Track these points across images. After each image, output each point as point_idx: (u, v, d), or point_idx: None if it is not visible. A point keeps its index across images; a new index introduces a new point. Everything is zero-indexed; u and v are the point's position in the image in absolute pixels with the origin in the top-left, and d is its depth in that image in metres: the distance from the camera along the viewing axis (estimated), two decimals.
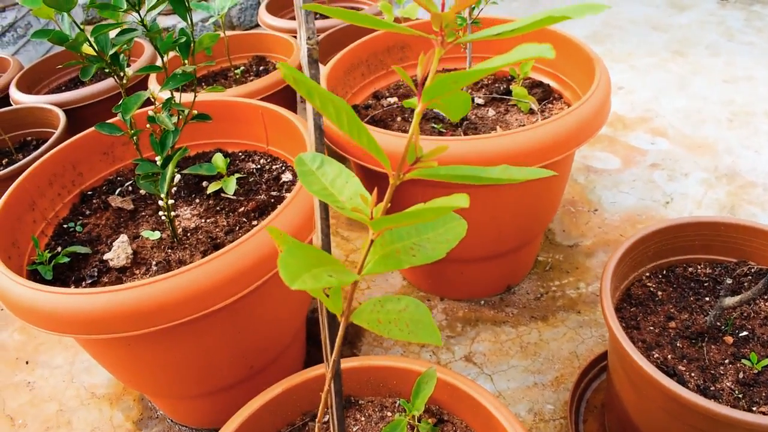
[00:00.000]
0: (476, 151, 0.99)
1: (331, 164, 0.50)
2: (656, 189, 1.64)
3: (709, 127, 1.88)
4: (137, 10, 0.86)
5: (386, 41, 1.40)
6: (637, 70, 2.23)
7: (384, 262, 0.46)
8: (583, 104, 1.06)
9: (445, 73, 1.19)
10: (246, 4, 2.83)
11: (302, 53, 0.48)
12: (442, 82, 0.36)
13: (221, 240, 1.01)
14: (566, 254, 1.45)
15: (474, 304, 1.34)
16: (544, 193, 1.18)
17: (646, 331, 0.97)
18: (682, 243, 1.06)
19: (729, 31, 2.47)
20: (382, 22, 0.40)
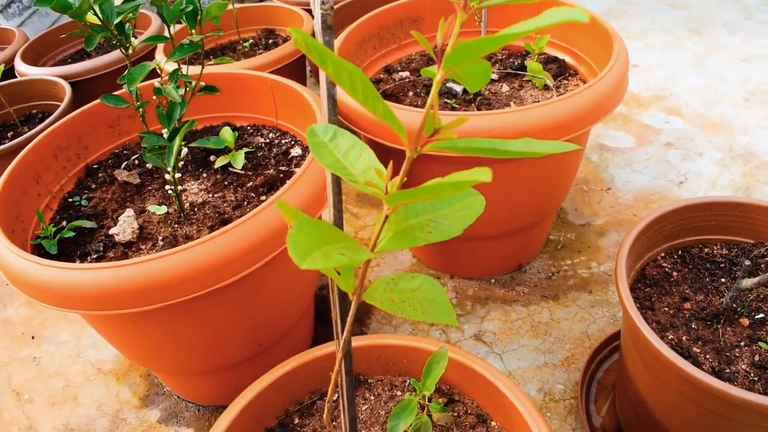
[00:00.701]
0: (490, 127, 0.97)
1: (344, 136, 0.48)
2: (670, 168, 1.61)
3: (725, 107, 1.84)
4: None
5: (398, 14, 1.37)
6: (653, 48, 2.19)
7: (399, 239, 0.44)
8: (600, 80, 1.03)
9: None
10: None
11: (316, 18, 0.46)
12: (465, 48, 0.34)
13: (229, 215, 1.00)
14: (578, 233, 1.43)
15: (484, 283, 1.33)
16: (559, 171, 1.15)
17: (660, 311, 0.95)
18: (699, 223, 1.04)
19: (747, 9, 2.42)
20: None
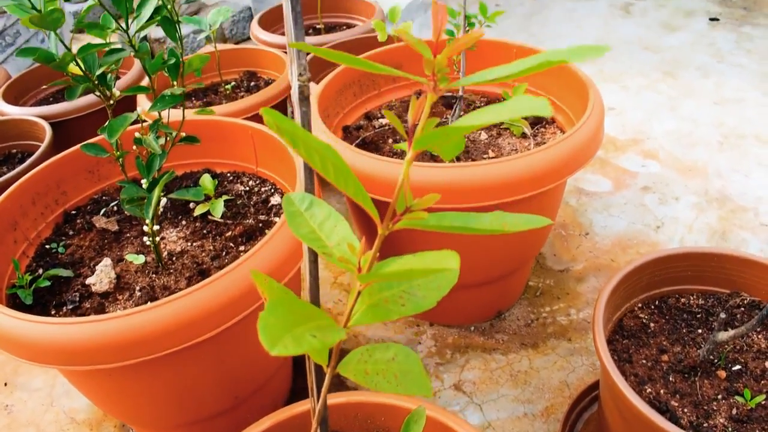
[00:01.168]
0: (468, 179, 0.97)
1: (320, 206, 0.48)
2: (647, 213, 1.63)
3: (700, 150, 1.87)
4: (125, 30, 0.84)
5: (380, 60, 1.39)
6: (629, 91, 2.23)
7: (372, 313, 0.44)
8: (576, 132, 1.05)
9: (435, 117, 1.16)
10: (239, 16, 2.82)
11: (293, 89, 0.47)
12: (433, 135, 0.35)
13: (207, 265, 0.99)
14: (557, 279, 1.44)
15: (464, 330, 1.33)
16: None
17: (638, 364, 0.95)
18: (675, 273, 1.05)
19: (719, 53, 2.47)
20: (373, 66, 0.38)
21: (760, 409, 0.87)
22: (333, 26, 2.16)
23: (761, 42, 2.54)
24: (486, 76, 0.38)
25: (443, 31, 0.36)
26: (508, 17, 2.96)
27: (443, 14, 0.37)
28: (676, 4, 2.96)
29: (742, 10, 2.85)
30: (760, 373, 0.93)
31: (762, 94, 2.16)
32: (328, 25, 2.16)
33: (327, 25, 2.15)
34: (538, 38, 2.73)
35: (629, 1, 3.03)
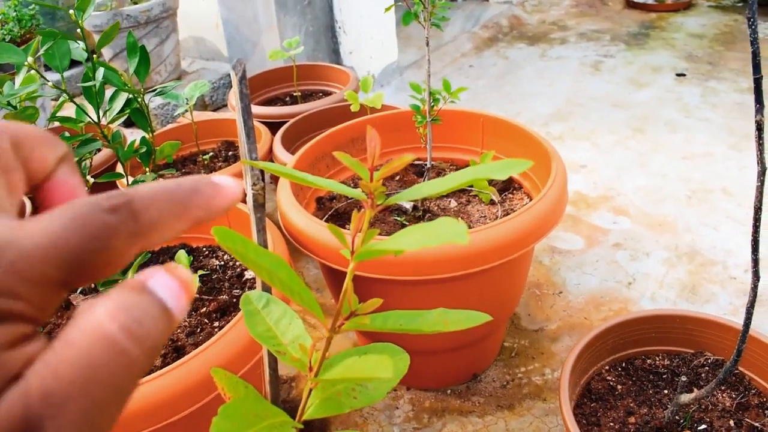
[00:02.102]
0: (435, 251, 1.01)
1: (276, 304, 0.51)
2: (619, 269, 1.67)
3: (669, 205, 1.93)
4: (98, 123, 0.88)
5: (350, 134, 1.44)
6: (599, 148, 2.30)
7: (325, 406, 0.47)
8: (539, 201, 1.09)
9: None
10: (219, 83, 2.88)
11: (248, 198, 0.50)
12: (371, 252, 0.38)
13: (182, 342, 1.01)
14: (532, 339, 1.46)
15: (441, 394, 1.34)
16: (507, 285, 1.20)
17: (606, 427, 0.98)
18: (640, 335, 1.08)
19: (686, 108, 2.56)
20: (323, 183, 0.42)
21: None
22: (309, 93, 2.22)
23: (726, 96, 2.63)
24: (420, 192, 0.41)
25: (377, 156, 0.40)
26: (481, 77, 3.04)
27: (377, 140, 0.40)
28: (644, 61, 3.06)
29: (708, 65, 2.95)
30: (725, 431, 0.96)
31: (728, 148, 2.23)
32: (305, 92, 2.22)
33: (303, 92, 2.21)
34: (510, 97, 2.81)
35: (598, 59, 3.13)
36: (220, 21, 2.87)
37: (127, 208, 0.22)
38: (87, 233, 0.20)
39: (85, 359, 0.19)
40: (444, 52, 3.30)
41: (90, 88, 0.89)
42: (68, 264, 0.20)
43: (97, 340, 0.19)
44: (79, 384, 0.18)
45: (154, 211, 0.22)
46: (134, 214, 0.22)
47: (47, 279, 0.20)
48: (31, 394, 0.18)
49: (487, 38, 3.54)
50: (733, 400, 1.00)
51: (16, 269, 0.19)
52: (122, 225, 0.21)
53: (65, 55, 0.89)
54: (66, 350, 0.19)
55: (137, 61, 0.93)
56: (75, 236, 0.20)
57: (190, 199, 0.24)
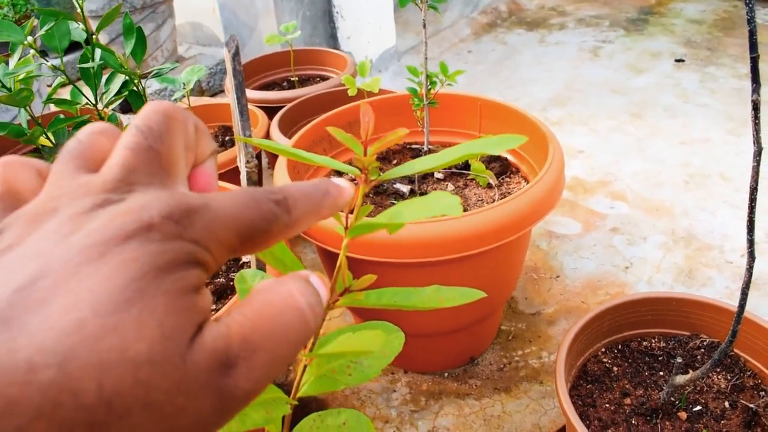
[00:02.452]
0: (431, 234, 1.01)
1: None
2: (616, 254, 1.67)
3: (667, 190, 1.93)
4: (95, 105, 0.88)
5: (346, 117, 1.43)
6: (597, 134, 2.29)
7: (320, 383, 0.47)
8: (536, 184, 1.09)
9: None
10: (215, 68, 2.87)
11: (242, 176, 0.50)
12: (365, 226, 0.38)
13: None
14: (528, 323, 1.47)
15: (438, 377, 1.35)
16: (504, 269, 1.20)
17: (602, 408, 0.98)
18: (636, 318, 1.08)
19: (685, 93, 2.55)
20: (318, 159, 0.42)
21: None
22: (306, 78, 2.22)
23: (724, 82, 2.62)
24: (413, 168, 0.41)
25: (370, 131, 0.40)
26: (480, 63, 3.04)
27: (371, 116, 0.40)
28: (643, 47, 3.05)
29: (707, 51, 2.94)
30: (720, 412, 0.96)
31: (726, 133, 2.23)
32: (302, 77, 2.21)
33: (300, 77, 2.20)
34: (509, 82, 2.80)
35: (597, 45, 3.12)
36: (216, 6, 2.86)
37: (284, 203, 0.26)
38: (260, 214, 0.25)
39: (279, 319, 0.23)
40: (442, 37, 3.29)
41: (88, 69, 0.89)
42: (243, 234, 0.25)
43: (289, 308, 0.24)
44: (272, 338, 0.23)
45: (301, 209, 0.27)
46: (288, 209, 0.26)
47: (228, 242, 0.24)
48: (232, 336, 0.22)
49: (486, 24, 3.52)
50: (728, 381, 1.01)
51: (211, 228, 0.23)
52: (281, 216, 0.26)
53: (65, 35, 0.88)
54: (265, 308, 0.23)
55: (134, 43, 0.92)
56: (252, 214, 0.25)
57: (323, 200, 0.29)
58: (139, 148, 0.25)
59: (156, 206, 0.23)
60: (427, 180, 1.36)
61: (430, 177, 1.37)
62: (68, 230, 0.22)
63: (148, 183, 0.24)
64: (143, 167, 0.25)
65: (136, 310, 0.20)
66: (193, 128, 0.28)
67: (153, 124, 0.26)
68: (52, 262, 0.21)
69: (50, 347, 0.18)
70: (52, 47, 0.87)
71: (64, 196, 0.24)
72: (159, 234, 0.22)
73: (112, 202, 0.23)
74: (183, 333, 0.21)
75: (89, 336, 0.19)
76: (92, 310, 0.19)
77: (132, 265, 0.21)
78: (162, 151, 0.26)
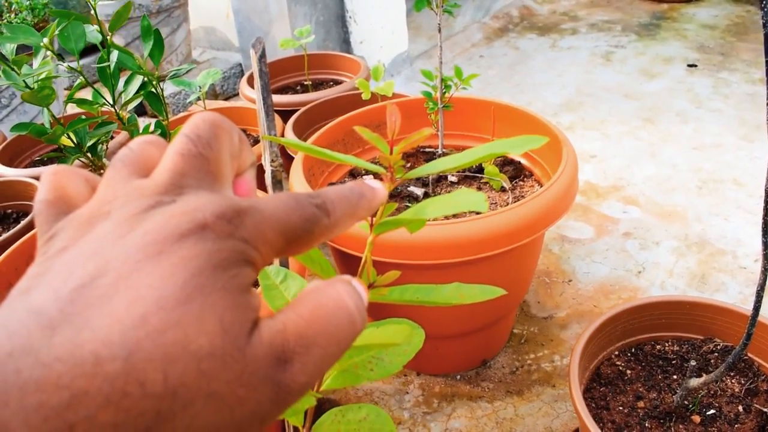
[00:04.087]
0: (447, 236, 1.02)
1: (293, 278, 0.52)
2: (629, 258, 1.67)
3: (679, 195, 1.93)
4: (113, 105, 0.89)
5: (362, 120, 1.44)
6: (610, 138, 2.29)
7: (342, 378, 0.48)
8: (550, 187, 1.09)
9: None
10: (230, 72, 2.90)
11: (267, 174, 0.51)
12: (389, 223, 0.39)
13: None
14: (541, 326, 1.47)
15: (450, 379, 1.35)
16: (517, 272, 1.20)
17: (615, 411, 0.98)
18: (649, 321, 1.08)
19: (697, 98, 2.55)
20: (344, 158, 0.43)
21: None
22: (320, 82, 2.23)
23: (737, 87, 2.62)
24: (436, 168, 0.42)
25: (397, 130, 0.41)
26: (492, 67, 3.04)
27: (398, 115, 0.41)
28: (655, 52, 3.05)
29: (720, 56, 2.94)
30: (733, 416, 0.96)
31: (739, 139, 2.23)
32: (316, 81, 2.23)
33: (314, 81, 2.22)
34: (521, 87, 2.81)
35: (609, 50, 3.12)
36: (230, 11, 2.88)
37: (324, 207, 0.27)
38: (303, 216, 0.26)
39: (331, 319, 0.24)
40: (454, 42, 3.30)
41: (105, 69, 0.90)
42: (288, 235, 0.25)
43: (340, 309, 0.25)
44: (324, 336, 0.24)
45: (339, 212, 0.28)
46: (328, 212, 0.27)
47: (275, 243, 0.25)
48: (288, 332, 0.23)
49: (498, 28, 3.53)
50: (742, 385, 1.01)
51: (260, 228, 0.24)
52: (322, 218, 0.27)
53: (80, 37, 0.90)
54: (319, 309, 0.24)
55: (151, 45, 0.94)
56: (297, 216, 0.26)
57: (359, 202, 0.30)
58: (189, 154, 0.26)
59: (209, 207, 0.24)
60: (441, 183, 1.37)
61: (444, 180, 1.38)
62: (124, 231, 0.23)
63: (197, 186, 0.25)
64: (193, 172, 0.26)
65: (196, 306, 0.21)
66: (237, 138, 0.29)
67: (202, 132, 0.27)
68: (110, 261, 0.21)
69: (116, 341, 0.19)
70: (69, 49, 0.89)
71: (117, 199, 0.25)
72: (213, 233, 0.23)
73: (165, 204, 0.24)
74: (241, 327, 0.22)
75: (153, 330, 0.20)
76: (155, 305, 0.20)
77: (190, 262, 0.22)
78: (210, 158, 0.27)
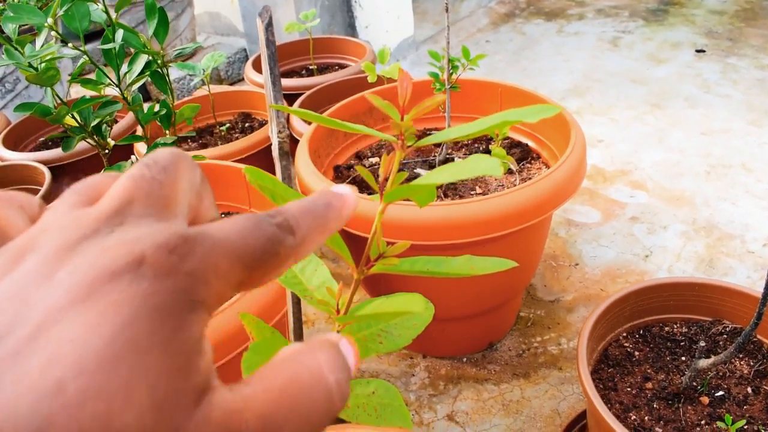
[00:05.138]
0: (454, 216, 1.01)
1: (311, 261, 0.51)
2: (636, 242, 1.67)
3: (687, 180, 1.91)
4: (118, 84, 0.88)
5: (367, 103, 1.44)
6: (617, 123, 2.28)
7: None
8: (558, 168, 1.08)
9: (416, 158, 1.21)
10: (234, 57, 2.88)
11: (273, 146, 0.50)
12: (401, 190, 0.38)
13: None
14: (547, 310, 1.46)
15: (456, 362, 1.35)
16: (524, 254, 1.20)
17: (623, 392, 0.98)
18: (658, 303, 1.08)
19: (706, 84, 2.53)
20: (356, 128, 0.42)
21: None
22: (325, 67, 2.22)
23: (746, 72, 2.60)
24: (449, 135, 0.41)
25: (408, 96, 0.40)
26: (498, 52, 3.02)
27: (408, 81, 0.40)
28: (663, 37, 3.02)
29: (728, 42, 2.91)
30: (742, 398, 0.96)
31: (748, 124, 2.21)
32: (321, 65, 2.21)
33: (320, 65, 2.21)
34: (527, 72, 2.79)
35: (617, 35, 3.10)
36: None
37: (286, 225, 0.24)
38: (263, 237, 0.23)
39: (305, 397, 0.21)
40: (460, 27, 3.28)
41: (110, 51, 0.89)
42: (247, 261, 0.22)
43: (317, 386, 0.21)
44: (294, 419, 0.20)
45: (305, 228, 0.25)
46: (292, 230, 0.24)
47: (231, 273, 0.22)
48: (249, 412, 0.20)
49: (504, 14, 3.51)
50: (751, 367, 1.00)
51: (211, 257, 0.21)
52: (286, 237, 0.24)
53: (85, 16, 0.89)
54: (291, 385, 0.21)
55: (156, 23, 0.93)
56: (254, 238, 0.23)
57: (327, 214, 0.27)
58: (141, 178, 0.24)
59: (149, 237, 0.20)
60: (447, 165, 1.36)
61: (449, 161, 1.37)
62: (52, 268, 0.19)
63: (143, 214, 0.22)
64: (142, 198, 0.23)
65: (124, 369, 0.17)
66: (200, 177, 0.27)
67: (159, 158, 0.25)
68: (32, 306, 0.18)
69: (24, 414, 0.16)
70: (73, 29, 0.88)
71: (51, 230, 0.21)
72: (151, 269, 0.19)
73: (102, 235, 0.21)
74: (181, 400, 0.18)
75: (70, 402, 0.16)
76: (74, 367, 0.17)
77: (121, 309, 0.18)
78: (164, 182, 0.24)
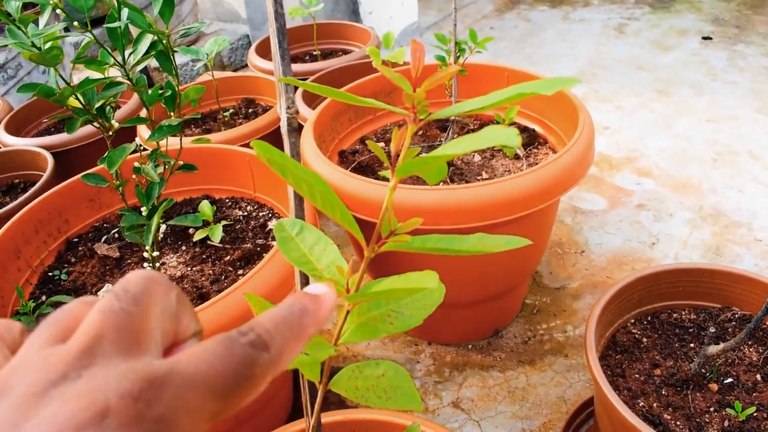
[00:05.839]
0: (461, 201, 1.00)
1: (310, 230, 0.50)
2: (642, 230, 1.65)
3: (694, 167, 1.90)
4: (123, 65, 0.87)
5: (373, 87, 1.42)
6: (623, 110, 2.26)
7: (361, 331, 0.46)
8: (566, 152, 1.07)
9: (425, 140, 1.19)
10: (237, 43, 2.86)
11: (282, 122, 0.49)
12: (413, 164, 0.37)
13: (207, 289, 1.01)
14: (553, 297, 1.45)
15: (462, 349, 1.34)
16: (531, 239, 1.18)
17: (631, 378, 0.97)
18: (666, 289, 1.07)
19: (712, 71, 2.51)
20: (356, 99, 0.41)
21: (751, 421, 0.89)
22: (329, 52, 2.20)
23: (753, 60, 2.58)
24: (462, 108, 0.40)
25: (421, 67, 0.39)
26: (503, 39, 3.00)
27: (421, 51, 0.39)
28: (669, 24, 3.00)
29: (735, 29, 2.89)
30: (751, 385, 0.95)
31: (755, 111, 2.19)
32: (325, 51, 2.20)
33: (323, 51, 2.19)
34: (532, 59, 2.77)
35: (623, 22, 3.07)
36: None
37: (260, 342, 0.24)
38: (235, 362, 0.23)
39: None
40: (465, 13, 3.25)
41: (115, 30, 0.88)
42: (220, 391, 0.22)
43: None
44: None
45: (279, 340, 0.25)
46: (266, 345, 0.24)
47: (203, 408, 0.21)
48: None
49: (509, 0, 3.48)
50: (761, 354, 0.99)
51: (180, 396, 0.21)
52: (260, 356, 0.24)
53: None
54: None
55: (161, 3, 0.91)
56: (225, 366, 0.23)
57: (302, 320, 0.27)
58: (111, 311, 0.23)
59: (113, 384, 0.20)
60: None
61: None
62: (20, 416, 0.19)
63: (111, 353, 0.22)
64: (111, 334, 0.22)
65: None
66: (174, 298, 0.27)
67: (130, 287, 0.25)
68: None
69: None
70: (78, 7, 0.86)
71: (24, 370, 0.21)
72: (116, 419, 0.19)
73: (69, 380, 0.20)
74: None
75: None
76: None
77: None
78: (134, 314, 0.24)
